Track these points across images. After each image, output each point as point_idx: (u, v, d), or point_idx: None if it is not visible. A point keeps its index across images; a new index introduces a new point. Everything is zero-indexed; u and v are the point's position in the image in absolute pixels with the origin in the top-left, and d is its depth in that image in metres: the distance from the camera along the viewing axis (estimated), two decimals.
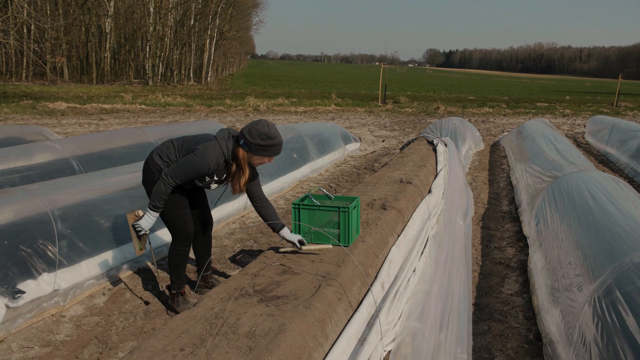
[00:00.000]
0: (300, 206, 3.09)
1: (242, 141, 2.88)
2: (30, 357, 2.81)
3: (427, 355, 2.60)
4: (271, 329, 2.03)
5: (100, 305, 3.44)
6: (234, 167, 2.96)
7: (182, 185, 3.06)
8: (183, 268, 3.36)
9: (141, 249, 3.17)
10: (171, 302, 3.40)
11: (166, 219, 3.20)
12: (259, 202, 3.12)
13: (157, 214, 3.03)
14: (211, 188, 3.18)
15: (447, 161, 6.48)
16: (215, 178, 3.04)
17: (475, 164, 9.18)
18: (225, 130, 3.00)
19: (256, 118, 15.63)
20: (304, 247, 2.95)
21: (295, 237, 2.97)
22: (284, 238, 3.01)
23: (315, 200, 3.16)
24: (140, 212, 3.11)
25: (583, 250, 3.11)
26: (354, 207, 3.06)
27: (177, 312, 3.34)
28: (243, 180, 2.97)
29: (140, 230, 3.03)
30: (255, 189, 3.12)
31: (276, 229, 3.04)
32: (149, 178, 3.12)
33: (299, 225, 3.09)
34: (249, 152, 2.90)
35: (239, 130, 2.93)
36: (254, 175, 3.10)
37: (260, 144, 2.83)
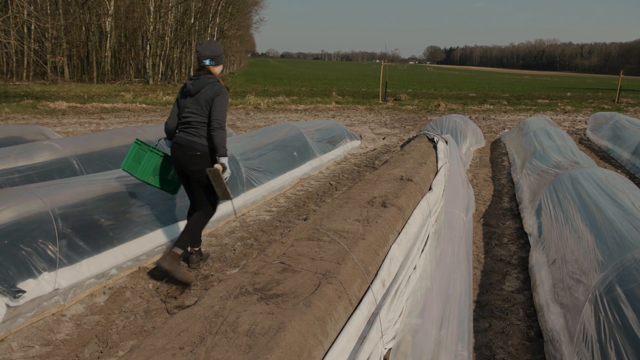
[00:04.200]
0: (139, 142, 3.91)
1: (215, 65, 3.65)
2: (31, 356, 2.81)
3: (428, 353, 2.59)
4: (271, 327, 2.03)
5: (101, 304, 3.45)
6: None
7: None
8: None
9: (230, 192, 3.63)
10: (172, 262, 3.59)
11: (210, 189, 3.67)
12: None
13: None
14: None
15: (447, 158, 6.47)
16: None
17: (476, 161, 9.17)
18: (206, 75, 3.64)
19: (257, 116, 15.67)
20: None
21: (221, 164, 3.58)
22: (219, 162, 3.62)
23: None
24: (217, 166, 3.55)
25: (584, 247, 3.10)
26: (155, 154, 3.88)
27: (171, 275, 3.58)
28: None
29: (227, 177, 3.58)
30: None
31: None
32: (206, 159, 3.62)
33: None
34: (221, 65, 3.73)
35: (204, 65, 3.64)
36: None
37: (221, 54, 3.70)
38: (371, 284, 2.77)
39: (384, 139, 11.55)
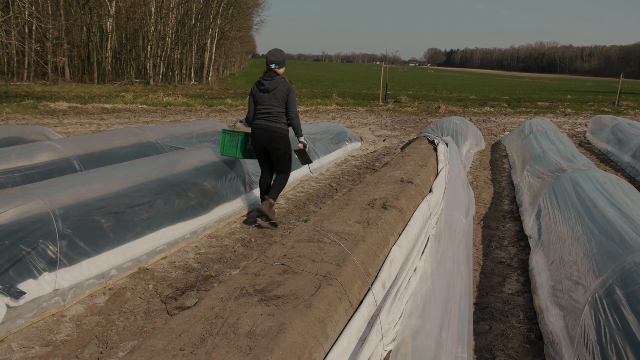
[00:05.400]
0: (225, 131, 5.29)
1: (279, 67, 4.77)
2: (31, 357, 2.81)
3: (428, 355, 2.59)
4: (271, 329, 2.03)
5: (101, 305, 3.44)
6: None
7: None
8: None
9: (310, 158, 5.16)
10: (269, 207, 4.84)
11: (289, 157, 5.00)
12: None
13: None
14: None
15: (447, 160, 6.47)
16: None
17: (477, 163, 9.17)
18: (277, 75, 4.76)
19: None
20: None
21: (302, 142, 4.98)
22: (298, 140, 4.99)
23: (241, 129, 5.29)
24: (300, 145, 4.95)
25: (584, 250, 3.11)
26: (240, 135, 5.22)
27: (268, 216, 4.82)
28: None
29: (307, 148, 5.25)
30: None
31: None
32: (287, 141, 4.92)
33: (224, 146, 5.32)
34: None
35: (271, 68, 4.77)
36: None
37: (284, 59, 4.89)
38: (371, 285, 2.77)
39: (384, 140, 11.56)
